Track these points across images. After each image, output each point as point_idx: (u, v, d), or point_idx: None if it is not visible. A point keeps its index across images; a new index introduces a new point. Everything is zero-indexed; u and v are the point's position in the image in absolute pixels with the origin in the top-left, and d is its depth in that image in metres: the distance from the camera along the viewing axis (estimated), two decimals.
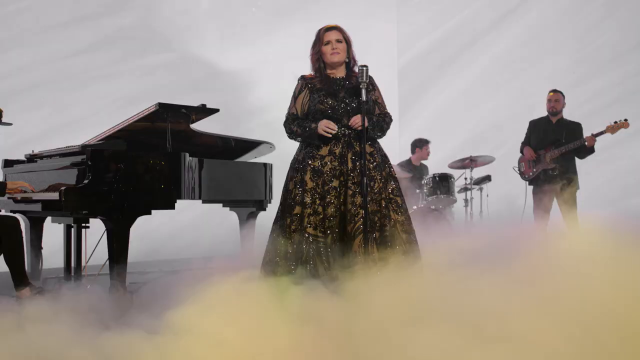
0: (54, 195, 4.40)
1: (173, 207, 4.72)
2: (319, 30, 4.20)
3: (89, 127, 6.02)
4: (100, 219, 4.49)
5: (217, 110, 5.10)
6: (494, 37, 10.37)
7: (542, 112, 7.24)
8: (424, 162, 8.84)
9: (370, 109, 4.12)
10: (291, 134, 4.21)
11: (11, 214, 5.07)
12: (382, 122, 4.17)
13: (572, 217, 6.78)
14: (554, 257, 3.82)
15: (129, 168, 4.46)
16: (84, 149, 4.55)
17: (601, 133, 6.75)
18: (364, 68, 3.93)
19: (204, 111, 5.06)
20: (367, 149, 4.04)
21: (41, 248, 5.57)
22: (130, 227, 4.50)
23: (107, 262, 4.95)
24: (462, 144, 9.76)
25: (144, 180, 4.53)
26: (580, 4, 9.85)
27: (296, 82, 4.25)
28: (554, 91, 7.21)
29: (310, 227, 3.96)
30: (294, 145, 4.33)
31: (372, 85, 4.19)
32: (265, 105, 9.18)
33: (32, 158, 5.38)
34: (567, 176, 6.88)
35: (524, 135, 7.38)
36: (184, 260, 6.82)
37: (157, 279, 5.32)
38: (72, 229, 5.20)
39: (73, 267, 5.14)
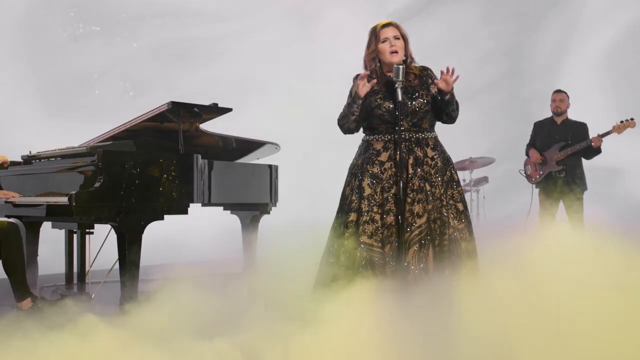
0: (62, 200, 4.11)
1: (187, 212, 4.48)
2: (374, 28, 3.94)
3: None
4: (111, 225, 4.21)
5: (230, 110, 4.85)
6: (487, 34, 10.24)
7: (539, 111, 7.13)
8: None
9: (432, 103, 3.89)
10: (343, 123, 3.93)
11: (10, 219, 4.75)
12: (456, 100, 3.93)
13: (579, 220, 6.68)
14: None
15: (142, 171, 4.20)
16: (92, 150, 4.27)
17: (607, 133, 6.64)
18: (400, 67, 3.70)
19: (216, 110, 4.81)
20: (428, 152, 3.84)
21: (37, 255, 5.26)
22: (142, 233, 4.23)
23: (111, 270, 4.73)
24: (457, 145, 9.62)
25: (159, 184, 4.27)
26: None
27: (352, 82, 4.00)
28: (558, 91, 7.09)
29: (365, 235, 3.74)
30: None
31: (431, 79, 3.95)
32: None
33: (29, 159, 5.06)
34: (574, 178, 6.76)
35: (513, 135, 7.27)
36: (182, 265, 6.53)
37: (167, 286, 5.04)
38: (74, 235, 4.91)
39: (77, 275, 4.83)
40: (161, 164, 4.29)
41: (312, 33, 9.69)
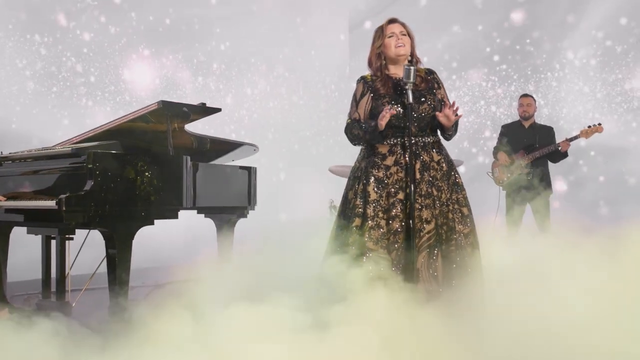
0: (49, 204, 3.87)
1: (177, 217, 4.31)
2: (380, 27, 3.88)
3: None
4: (100, 230, 3.99)
5: (218, 110, 4.69)
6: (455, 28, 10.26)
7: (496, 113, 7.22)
8: None
9: (437, 109, 3.82)
10: (354, 138, 3.86)
11: None
12: (457, 121, 3.89)
13: (545, 223, 6.79)
14: None
15: (134, 173, 4.00)
16: (79, 151, 4.04)
17: (575, 138, 6.76)
18: (411, 67, 3.63)
19: (205, 111, 4.64)
20: (434, 157, 3.78)
21: (6, 262, 4.96)
22: (133, 238, 4.04)
23: (92, 276, 4.52)
24: None
25: (150, 187, 4.07)
26: None
27: (356, 84, 3.92)
28: (526, 95, 7.22)
29: (371, 241, 3.64)
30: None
31: (437, 84, 3.90)
32: None
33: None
34: (541, 181, 6.85)
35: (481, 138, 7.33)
36: (155, 269, 6.33)
37: (152, 292, 4.85)
38: (52, 241, 4.64)
39: (56, 281, 4.57)
40: (153, 166, 4.10)
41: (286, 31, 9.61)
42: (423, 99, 3.78)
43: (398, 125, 3.74)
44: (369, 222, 3.68)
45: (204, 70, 8.85)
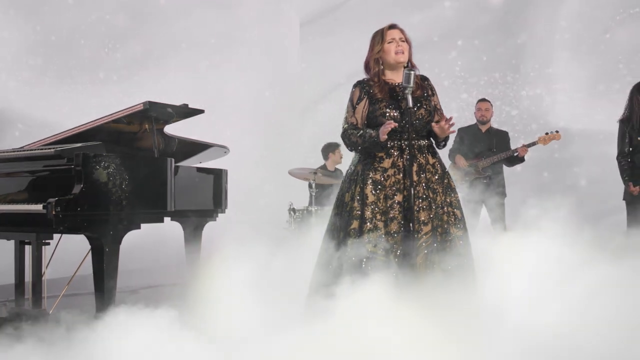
0: (35, 208, 3.70)
1: (162, 221, 4.21)
2: (379, 31, 3.89)
3: None
4: (87, 236, 3.85)
5: (202, 111, 4.60)
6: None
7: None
8: (338, 167, 8.64)
9: (432, 115, 3.88)
10: (351, 145, 3.86)
11: None
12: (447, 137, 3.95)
13: (500, 225, 6.95)
14: None
15: (123, 176, 3.88)
16: (63, 152, 3.88)
17: (533, 144, 6.95)
18: (411, 72, 3.66)
19: (188, 112, 4.55)
20: (429, 160, 3.83)
21: None
22: (120, 243, 3.91)
23: (69, 282, 4.37)
24: None
25: (138, 190, 3.97)
26: None
27: (352, 89, 3.91)
28: (483, 100, 7.35)
29: (369, 243, 3.65)
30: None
31: (431, 90, 3.95)
32: None
33: None
34: (497, 184, 7.02)
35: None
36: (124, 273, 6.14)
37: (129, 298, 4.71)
38: (27, 246, 4.45)
39: (31, 288, 4.39)
40: (139, 169, 4.01)
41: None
42: (419, 104, 3.82)
43: (395, 129, 3.77)
44: (367, 224, 3.70)
45: (159, 70, 8.68)
